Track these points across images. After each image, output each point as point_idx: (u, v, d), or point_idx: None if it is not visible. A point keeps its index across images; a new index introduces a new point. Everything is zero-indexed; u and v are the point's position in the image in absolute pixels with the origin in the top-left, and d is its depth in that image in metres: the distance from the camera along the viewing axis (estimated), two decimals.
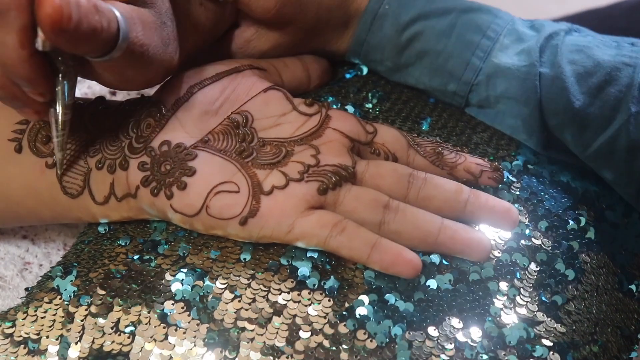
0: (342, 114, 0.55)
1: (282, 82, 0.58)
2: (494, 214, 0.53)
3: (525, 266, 0.51)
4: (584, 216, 0.55)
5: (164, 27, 0.50)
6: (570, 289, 0.51)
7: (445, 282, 0.50)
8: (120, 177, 0.52)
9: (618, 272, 0.54)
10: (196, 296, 0.49)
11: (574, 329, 0.49)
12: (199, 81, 0.54)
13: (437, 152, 0.55)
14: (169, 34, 0.50)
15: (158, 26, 0.49)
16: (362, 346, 0.47)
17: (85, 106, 0.54)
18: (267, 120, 0.54)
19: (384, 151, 0.55)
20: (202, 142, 0.52)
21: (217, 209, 0.50)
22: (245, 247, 0.51)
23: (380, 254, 0.49)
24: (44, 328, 0.49)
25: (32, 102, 0.46)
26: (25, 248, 0.61)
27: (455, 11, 0.58)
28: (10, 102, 0.47)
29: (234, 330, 0.48)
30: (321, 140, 0.53)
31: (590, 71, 0.54)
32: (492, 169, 0.55)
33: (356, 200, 0.51)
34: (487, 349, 0.48)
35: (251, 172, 0.51)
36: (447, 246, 0.51)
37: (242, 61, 0.56)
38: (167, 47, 0.50)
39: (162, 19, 0.49)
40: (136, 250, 0.52)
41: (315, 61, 0.61)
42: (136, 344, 0.48)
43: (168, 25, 0.50)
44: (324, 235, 0.49)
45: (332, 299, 0.49)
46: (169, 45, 0.50)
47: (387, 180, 0.53)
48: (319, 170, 0.52)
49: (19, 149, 0.53)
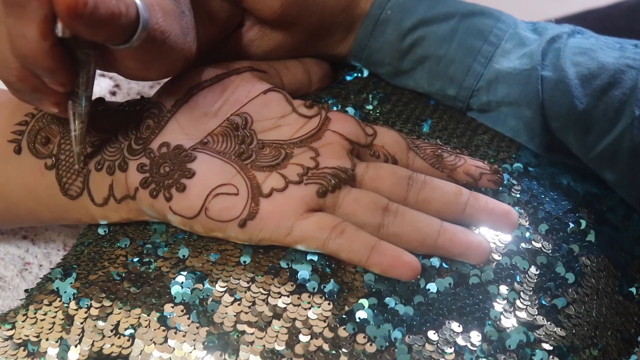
0: (342, 116, 0.55)
1: (282, 85, 0.58)
2: (494, 216, 0.53)
3: (525, 269, 0.51)
4: (585, 219, 0.55)
5: (183, 16, 0.50)
6: (571, 292, 0.51)
7: (445, 286, 0.50)
8: (119, 178, 0.52)
9: (618, 275, 0.54)
10: (196, 299, 0.49)
11: (574, 333, 0.49)
12: (198, 83, 0.54)
13: (436, 154, 0.55)
14: (188, 23, 0.50)
15: (177, 15, 0.49)
16: (361, 350, 0.47)
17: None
18: (266, 122, 0.54)
19: (383, 153, 0.54)
20: (201, 143, 0.52)
21: (216, 211, 0.50)
22: (245, 250, 0.50)
23: (380, 257, 0.49)
24: (43, 330, 0.49)
25: (51, 93, 0.46)
26: (25, 248, 0.61)
27: (457, 16, 0.58)
28: (30, 94, 0.47)
29: (234, 334, 0.48)
30: (320, 142, 0.53)
31: (594, 73, 0.54)
32: (491, 172, 0.55)
33: (355, 203, 0.51)
34: (486, 352, 0.48)
35: (250, 175, 0.51)
36: (446, 249, 0.51)
37: (241, 63, 0.56)
38: (187, 36, 0.50)
39: (181, 8, 0.49)
40: (136, 252, 0.52)
41: (317, 64, 0.61)
42: (136, 346, 0.47)
43: (187, 15, 0.50)
44: (323, 238, 0.49)
45: (332, 303, 0.49)
46: (187, 35, 0.50)
47: (386, 182, 0.52)
48: (318, 172, 0.51)
49: (19, 150, 0.53)
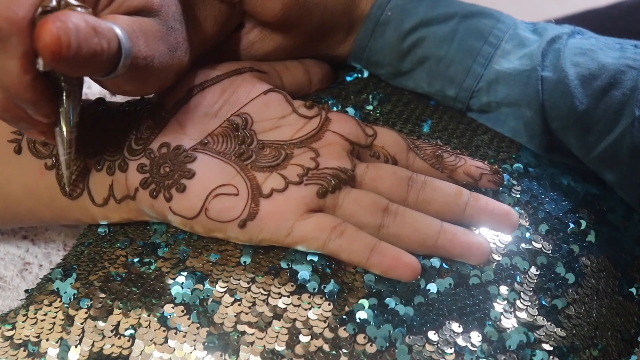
0: (342, 116, 0.55)
1: (282, 85, 0.58)
2: (494, 217, 0.53)
3: (525, 270, 0.51)
4: (585, 219, 0.55)
5: (171, 32, 0.49)
6: (571, 292, 0.51)
7: (445, 286, 0.50)
8: (119, 178, 0.52)
9: (618, 276, 0.54)
10: (196, 300, 0.49)
11: (574, 333, 0.49)
12: (198, 83, 0.54)
13: (437, 154, 0.55)
14: (177, 37, 0.50)
15: (164, 34, 0.48)
16: (362, 350, 0.47)
17: (84, 107, 0.54)
18: (266, 123, 0.54)
19: (383, 154, 0.54)
20: (201, 144, 0.52)
21: (216, 211, 0.50)
22: (245, 251, 0.50)
23: (379, 257, 0.49)
24: (43, 331, 0.49)
25: (37, 123, 0.46)
26: (25, 248, 0.61)
27: (457, 17, 0.58)
28: (16, 124, 0.47)
29: (234, 334, 0.48)
30: (321, 142, 0.53)
31: (594, 74, 0.54)
32: (492, 172, 0.55)
33: (355, 204, 0.51)
34: (487, 353, 0.48)
35: (250, 175, 0.51)
36: (447, 249, 0.51)
37: (242, 63, 0.56)
38: (175, 51, 0.50)
39: (168, 25, 0.49)
40: (136, 252, 0.52)
41: (317, 65, 0.61)
42: (136, 347, 0.47)
43: (176, 29, 0.50)
44: (323, 239, 0.49)
45: (332, 303, 0.49)
46: (177, 49, 0.50)
47: (386, 183, 0.52)
48: (318, 173, 0.51)
49: (19, 150, 0.53)
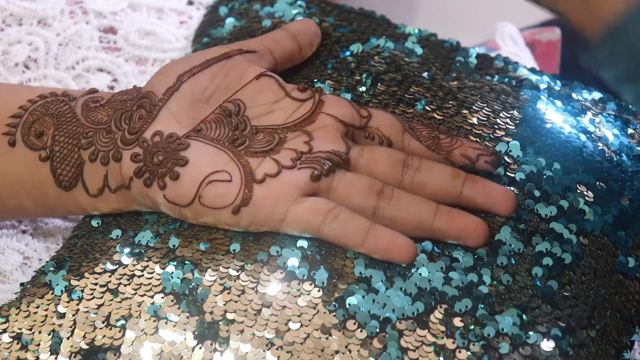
0: (336, 98, 0.54)
1: (274, 60, 0.57)
2: (491, 198, 0.52)
3: (520, 250, 0.50)
4: (583, 197, 0.53)
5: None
6: (567, 273, 0.50)
7: (437, 270, 0.49)
8: (113, 168, 0.52)
9: (618, 253, 0.53)
10: (186, 289, 0.49)
11: (569, 314, 0.48)
12: (188, 69, 0.53)
13: (432, 136, 0.54)
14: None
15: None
16: (352, 336, 0.47)
17: (77, 98, 0.54)
18: (259, 108, 0.54)
19: (378, 135, 0.54)
20: (194, 131, 0.52)
21: (210, 198, 0.50)
22: (234, 238, 0.50)
23: (375, 240, 0.49)
24: (36, 323, 0.49)
25: None
26: (25, 242, 0.61)
27: None
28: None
29: (224, 323, 0.48)
30: (314, 125, 0.53)
31: None
32: (489, 153, 0.54)
33: (350, 187, 0.50)
34: (479, 336, 0.47)
35: (244, 161, 0.51)
36: (443, 232, 0.50)
37: (231, 46, 0.56)
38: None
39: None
40: (127, 243, 0.52)
41: (302, 27, 0.60)
42: (127, 337, 0.48)
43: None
44: (317, 223, 0.49)
45: (322, 290, 0.48)
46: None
47: (381, 165, 0.52)
48: (312, 157, 0.51)
49: (13, 143, 0.54)
